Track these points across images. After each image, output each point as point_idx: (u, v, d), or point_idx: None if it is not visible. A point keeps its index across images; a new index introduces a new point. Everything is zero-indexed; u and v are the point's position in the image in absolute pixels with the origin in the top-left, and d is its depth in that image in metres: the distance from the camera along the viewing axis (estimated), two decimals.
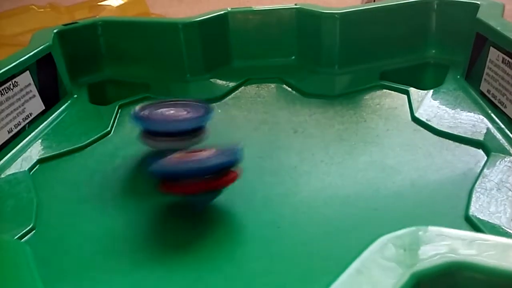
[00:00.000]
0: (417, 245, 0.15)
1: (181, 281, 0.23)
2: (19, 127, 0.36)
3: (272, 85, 0.44)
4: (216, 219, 0.28)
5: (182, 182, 0.26)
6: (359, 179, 0.30)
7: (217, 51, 0.47)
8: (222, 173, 0.26)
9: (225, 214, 0.28)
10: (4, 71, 0.36)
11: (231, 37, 0.47)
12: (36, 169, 0.34)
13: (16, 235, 0.26)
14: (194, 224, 0.27)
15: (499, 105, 0.34)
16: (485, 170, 0.28)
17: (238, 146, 0.27)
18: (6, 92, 0.36)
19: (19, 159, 0.34)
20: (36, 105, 0.39)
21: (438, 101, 0.38)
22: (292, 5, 0.46)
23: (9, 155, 0.34)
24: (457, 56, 0.43)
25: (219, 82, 0.45)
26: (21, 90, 0.37)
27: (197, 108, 0.32)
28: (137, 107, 0.32)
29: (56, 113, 0.41)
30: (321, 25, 0.44)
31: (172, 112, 0.32)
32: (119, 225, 0.28)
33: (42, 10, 0.94)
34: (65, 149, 0.35)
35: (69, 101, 0.43)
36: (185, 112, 0.32)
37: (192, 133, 0.31)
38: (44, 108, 0.40)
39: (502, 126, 0.33)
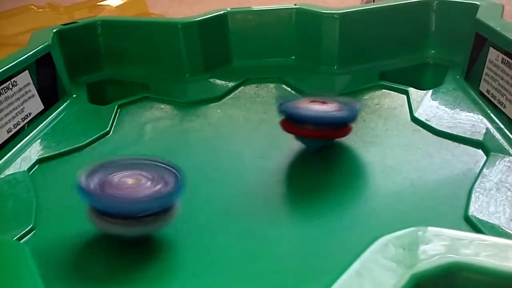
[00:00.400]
0: (416, 246, 0.15)
1: (180, 282, 0.23)
2: (18, 127, 0.36)
3: (272, 85, 0.44)
4: (214, 219, 0.28)
5: (304, 125, 0.30)
6: (358, 179, 0.30)
7: (217, 51, 0.47)
8: (340, 125, 0.31)
9: (223, 214, 0.28)
10: (3, 71, 0.36)
11: (230, 37, 0.47)
12: (36, 169, 0.34)
13: (16, 236, 0.26)
14: (194, 225, 0.27)
15: (498, 105, 0.34)
16: (484, 170, 0.28)
17: (357, 104, 0.31)
18: (5, 92, 0.35)
19: (18, 159, 0.34)
20: (35, 105, 0.39)
21: (437, 101, 0.38)
22: (291, 5, 0.46)
23: (8, 155, 0.34)
24: (456, 56, 0.43)
25: (219, 82, 0.45)
26: (20, 89, 0.37)
27: (164, 177, 0.25)
28: (83, 176, 0.24)
29: (55, 113, 0.41)
30: (320, 25, 0.44)
31: (132, 181, 0.24)
32: None
33: (42, 10, 0.94)
34: (64, 149, 0.35)
35: (68, 101, 0.43)
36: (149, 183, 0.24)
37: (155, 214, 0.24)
38: (43, 107, 0.40)
39: (502, 126, 0.33)
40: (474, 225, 0.24)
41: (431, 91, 0.39)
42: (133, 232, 0.24)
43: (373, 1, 0.72)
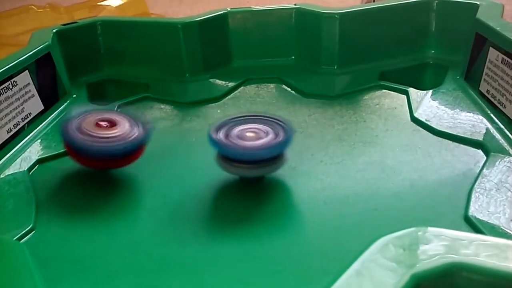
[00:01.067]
0: (417, 246, 0.16)
1: (181, 283, 0.23)
2: (18, 127, 0.36)
3: (272, 85, 0.44)
4: (215, 219, 0.28)
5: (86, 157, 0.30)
6: (359, 179, 0.30)
7: (217, 51, 0.47)
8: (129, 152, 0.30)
9: (223, 214, 0.28)
10: (3, 71, 0.36)
11: (230, 37, 0.47)
12: (36, 169, 0.33)
13: (16, 236, 0.26)
14: (193, 226, 0.27)
15: (498, 105, 0.34)
16: (484, 170, 0.28)
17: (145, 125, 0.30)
18: (5, 92, 0.35)
19: (18, 159, 0.34)
20: (35, 105, 0.39)
21: (437, 101, 0.38)
22: (291, 5, 0.46)
23: (8, 155, 0.34)
24: (456, 56, 0.43)
25: (219, 82, 0.45)
26: (20, 90, 0.37)
27: (277, 129, 0.29)
28: (213, 128, 0.29)
29: (55, 113, 0.41)
30: (320, 25, 0.44)
31: (251, 134, 0.29)
32: (118, 225, 0.27)
33: (42, 10, 0.94)
34: (64, 149, 0.35)
35: (68, 101, 0.43)
36: (264, 135, 0.29)
37: (272, 160, 0.29)
38: (43, 108, 0.40)
39: (502, 126, 0.33)
40: (474, 226, 0.24)
41: (431, 91, 0.39)
42: (252, 174, 0.29)
43: (373, 1, 0.72)
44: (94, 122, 0.30)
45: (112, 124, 0.30)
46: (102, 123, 0.30)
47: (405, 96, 0.40)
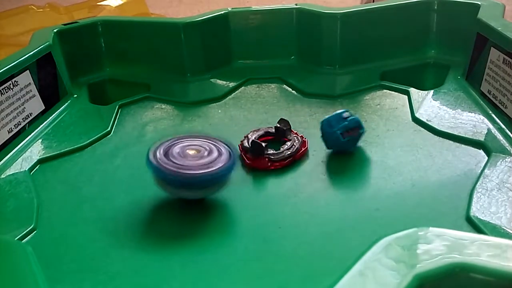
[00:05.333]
0: (419, 246, 0.15)
1: (182, 283, 0.23)
2: (19, 127, 0.36)
3: (272, 85, 0.44)
4: (216, 219, 0.27)
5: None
6: (360, 179, 0.30)
7: (218, 51, 0.47)
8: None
9: (225, 214, 0.28)
10: (4, 71, 0.36)
11: (231, 37, 0.47)
12: (37, 169, 0.33)
13: (17, 236, 0.26)
14: (194, 225, 0.27)
15: (499, 105, 0.34)
16: (485, 170, 0.28)
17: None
18: (6, 92, 0.35)
19: (19, 159, 0.34)
20: (36, 105, 0.39)
21: (438, 101, 0.38)
22: (292, 5, 0.46)
23: (9, 155, 0.34)
24: (457, 57, 0.43)
25: (220, 82, 0.45)
26: (21, 89, 0.37)
27: (219, 151, 0.28)
28: (152, 149, 0.28)
29: (56, 113, 0.41)
30: (321, 25, 0.44)
31: (193, 152, 0.28)
32: (119, 224, 0.27)
33: (42, 10, 0.94)
34: (65, 149, 0.35)
35: (69, 101, 0.43)
36: (207, 153, 0.28)
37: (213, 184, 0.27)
38: (44, 107, 0.40)
39: (503, 126, 0.33)
40: (475, 226, 0.24)
41: (432, 91, 0.39)
42: (191, 196, 0.28)
43: (373, 1, 0.72)
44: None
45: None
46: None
47: (406, 96, 0.40)
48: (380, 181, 0.29)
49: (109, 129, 0.38)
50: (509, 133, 0.32)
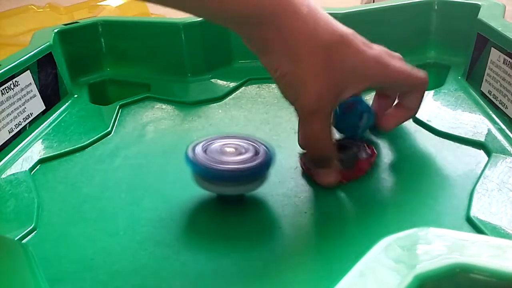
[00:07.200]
0: (419, 246, 0.15)
1: (182, 283, 0.23)
2: (19, 127, 0.36)
3: (273, 85, 0.44)
4: (217, 218, 0.28)
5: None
6: (360, 179, 0.30)
7: (218, 51, 0.47)
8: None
9: (225, 215, 0.28)
10: (5, 71, 0.36)
11: (232, 37, 0.47)
12: (37, 169, 0.34)
13: (18, 236, 0.26)
14: (194, 225, 0.27)
15: (500, 106, 0.34)
16: (486, 171, 0.28)
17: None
18: (7, 92, 0.35)
19: (20, 159, 0.34)
20: (37, 105, 0.39)
21: (439, 101, 0.38)
22: None
23: (10, 155, 0.34)
24: (458, 57, 0.43)
25: (220, 82, 0.45)
26: (22, 89, 0.37)
27: (257, 146, 0.29)
28: (191, 146, 0.29)
29: (56, 113, 0.41)
30: None
31: (231, 150, 0.28)
32: (120, 224, 0.27)
33: (42, 10, 0.94)
34: (65, 149, 0.35)
35: (69, 101, 0.43)
36: (244, 151, 0.28)
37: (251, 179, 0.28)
38: (44, 108, 0.40)
39: (503, 126, 0.33)
40: (476, 226, 0.24)
41: (432, 91, 0.39)
42: (230, 192, 0.28)
43: (373, 1, 0.72)
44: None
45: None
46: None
47: None
48: (380, 181, 0.29)
49: (109, 129, 0.38)
50: (510, 133, 0.32)
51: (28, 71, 0.38)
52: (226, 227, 0.27)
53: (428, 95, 0.39)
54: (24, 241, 0.26)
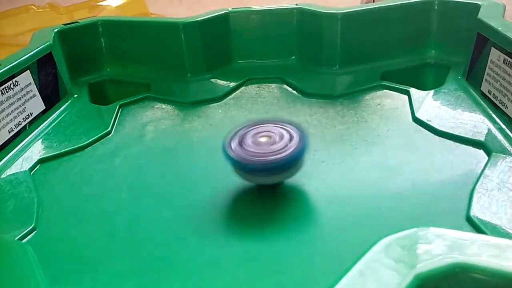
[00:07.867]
0: (419, 246, 0.15)
1: (182, 283, 0.23)
2: (19, 127, 0.36)
3: (273, 85, 0.44)
4: (216, 219, 0.28)
5: None
6: (360, 179, 0.30)
7: (218, 51, 0.47)
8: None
9: (225, 214, 0.28)
10: (5, 71, 0.36)
11: (232, 37, 0.47)
12: (37, 169, 0.34)
13: (17, 236, 0.26)
14: (194, 225, 0.27)
15: (500, 105, 0.34)
16: (486, 170, 0.28)
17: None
18: (7, 92, 0.35)
19: (20, 159, 0.34)
20: (37, 105, 0.39)
21: (439, 101, 0.38)
22: (293, 5, 0.46)
23: (9, 155, 0.34)
24: (458, 57, 0.43)
25: (220, 82, 0.45)
26: (22, 89, 0.37)
27: (292, 133, 0.29)
28: (227, 142, 0.28)
29: (56, 112, 0.41)
30: (322, 25, 0.44)
31: (265, 139, 0.28)
32: (120, 224, 0.28)
33: (42, 10, 0.94)
34: (65, 149, 0.35)
35: (69, 101, 0.43)
36: (279, 138, 0.28)
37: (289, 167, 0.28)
38: (44, 107, 0.40)
39: (503, 126, 0.33)
40: (476, 226, 0.24)
41: (432, 91, 0.39)
42: (269, 181, 0.28)
43: (373, 1, 0.72)
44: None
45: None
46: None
47: (406, 96, 0.40)
48: (380, 181, 0.29)
49: (109, 129, 0.38)
50: (510, 133, 0.32)
51: (28, 71, 0.38)
52: (227, 228, 0.27)
53: (428, 95, 0.39)
54: (24, 241, 0.26)
